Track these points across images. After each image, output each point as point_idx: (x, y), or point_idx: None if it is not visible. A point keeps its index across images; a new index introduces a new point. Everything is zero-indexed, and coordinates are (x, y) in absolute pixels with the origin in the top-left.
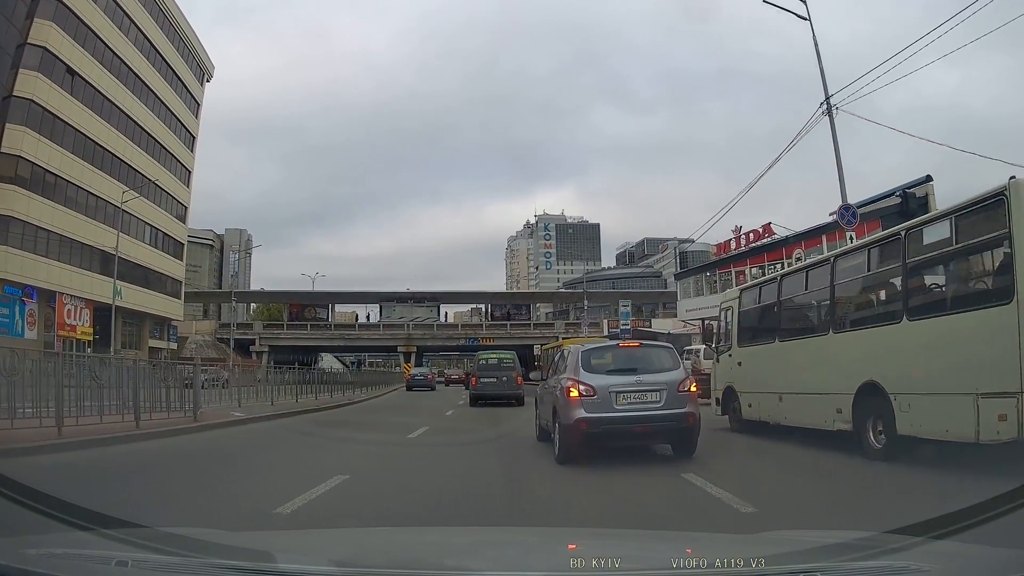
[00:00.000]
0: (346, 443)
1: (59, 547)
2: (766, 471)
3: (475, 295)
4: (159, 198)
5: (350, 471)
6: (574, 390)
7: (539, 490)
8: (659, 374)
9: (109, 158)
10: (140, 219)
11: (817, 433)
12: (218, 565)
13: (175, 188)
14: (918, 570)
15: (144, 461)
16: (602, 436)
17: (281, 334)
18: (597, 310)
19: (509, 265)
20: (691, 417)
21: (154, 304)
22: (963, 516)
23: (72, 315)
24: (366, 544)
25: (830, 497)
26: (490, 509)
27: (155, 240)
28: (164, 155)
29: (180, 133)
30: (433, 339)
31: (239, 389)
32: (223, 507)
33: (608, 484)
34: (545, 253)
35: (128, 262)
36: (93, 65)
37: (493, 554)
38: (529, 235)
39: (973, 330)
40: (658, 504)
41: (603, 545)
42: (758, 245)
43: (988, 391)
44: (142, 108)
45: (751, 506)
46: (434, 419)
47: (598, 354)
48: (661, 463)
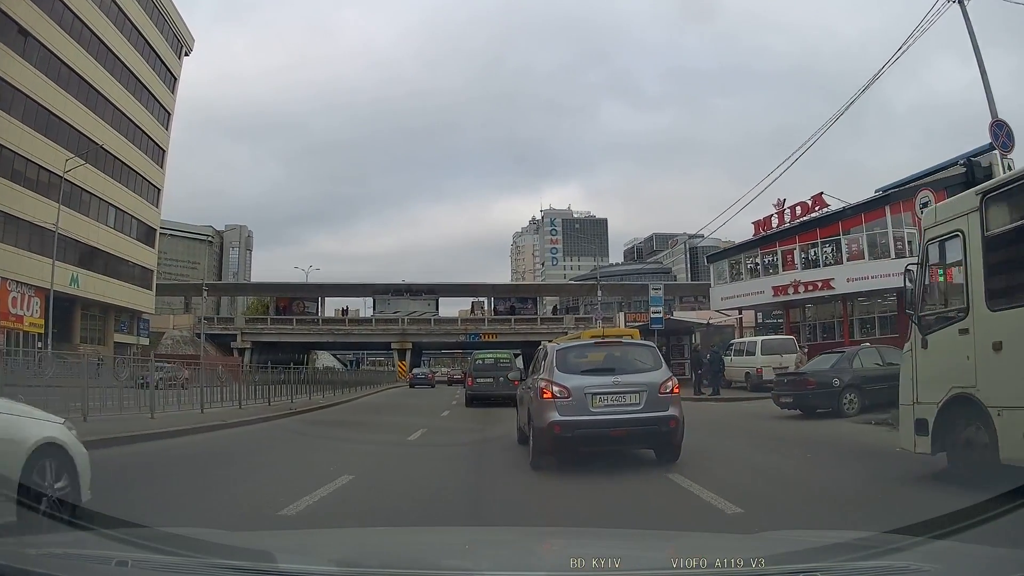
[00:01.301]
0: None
1: (59, 547)
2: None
3: (476, 287)
4: (127, 178)
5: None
6: (547, 391)
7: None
8: (639, 374)
9: (65, 129)
10: (102, 199)
11: None
12: (218, 565)
13: (145, 168)
14: (918, 570)
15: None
16: (576, 440)
17: (265, 329)
18: (609, 305)
19: (514, 262)
20: (673, 421)
21: (120, 295)
22: (963, 516)
23: (19, 304)
24: (366, 544)
25: None
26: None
27: (121, 224)
28: (133, 131)
29: (153, 108)
30: (430, 335)
31: (204, 390)
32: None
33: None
34: (551, 249)
35: (87, 247)
36: (51, 28)
37: (493, 554)
38: (535, 231)
39: None
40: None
41: (603, 545)
42: (808, 220)
43: None
44: (108, 78)
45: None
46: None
47: (575, 353)
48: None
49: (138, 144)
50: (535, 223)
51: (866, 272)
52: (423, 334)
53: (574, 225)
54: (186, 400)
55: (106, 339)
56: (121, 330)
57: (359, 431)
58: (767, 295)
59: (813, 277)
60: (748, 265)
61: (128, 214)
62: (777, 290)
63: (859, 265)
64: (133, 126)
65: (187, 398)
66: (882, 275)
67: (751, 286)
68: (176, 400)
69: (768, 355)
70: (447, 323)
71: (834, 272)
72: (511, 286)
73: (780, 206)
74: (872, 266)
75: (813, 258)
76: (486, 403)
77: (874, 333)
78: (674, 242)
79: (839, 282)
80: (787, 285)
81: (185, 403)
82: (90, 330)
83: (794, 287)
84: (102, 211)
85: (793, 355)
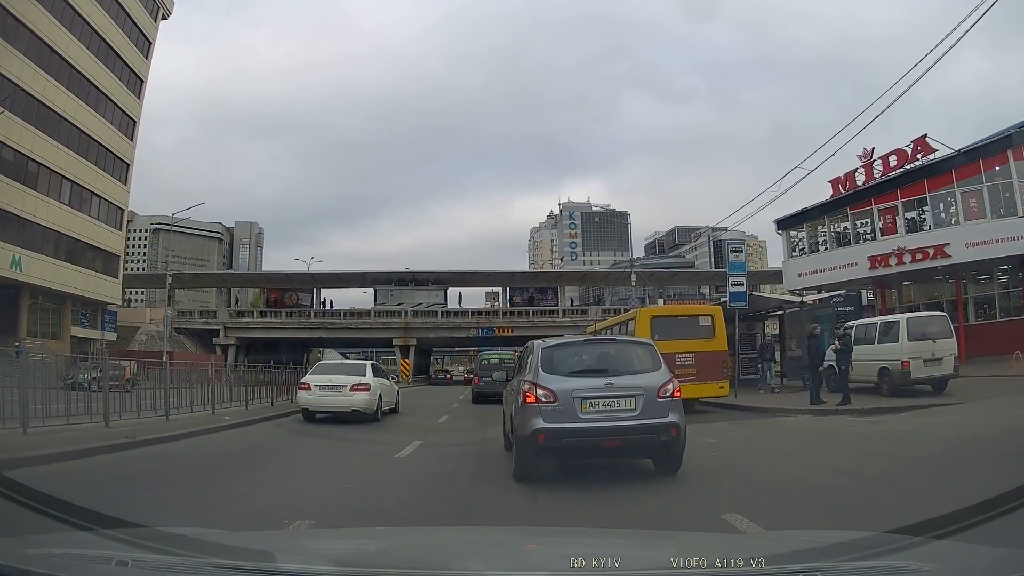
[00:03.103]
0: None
1: (59, 547)
2: None
3: (490, 276)
4: (88, 149)
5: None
6: (531, 395)
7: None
8: (634, 376)
9: (9, 88)
10: (53, 170)
11: None
12: (218, 565)
13: (111, 139)
14: (918, 570)
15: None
16: (563, 451)
17: (250, 323)
18: (630, 298)
19: (532, 257)
20: (673, 428)
21: (77, 282)
22: (963, 516)
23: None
24: (366, 544)
25: None
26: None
27: (79, 201)
28: (96, 96)
29: (122, 73)
30: (438, 329)
31: (171, 394)
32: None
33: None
34: (570, 243)
35: (35, 225)
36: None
37: (493, 554)
38: (553, 226)
39: None
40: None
41: (603, 545)
42: (912, 168)
43: None
44: (64, 34)
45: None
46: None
47: (563, 352)
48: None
49: (102, 112)
50: (553, 218)
51: (988, 235)
52: (429, 328)
53: (593, 219)
54: (150, 406)
55: (62, 333)
56: (81, 323)
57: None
58: (861, 268)
59: (921, 243)
60: (834, 232)
61: (88, 190)
62: (875, 261)
63: (980, 227)
64: (95, 90)
65: (153, 403)
66: (1009, 238)
67: (838, 257)
68: (136, 405)
69: (916, 341)
70: (457, 316)
71: (948, 235)
72: (529, 274)
73: (867, 157)
74: (996, 227)
75: (921, 218)
76: (491, 401)
77: (994, 316)
78: (697, 235)
79: (956, 248)
80: (887, 255)
81: (149, 408)
82: (41, 323)
83: (897, 256)
84: (53, 185)
85: (949, 340)
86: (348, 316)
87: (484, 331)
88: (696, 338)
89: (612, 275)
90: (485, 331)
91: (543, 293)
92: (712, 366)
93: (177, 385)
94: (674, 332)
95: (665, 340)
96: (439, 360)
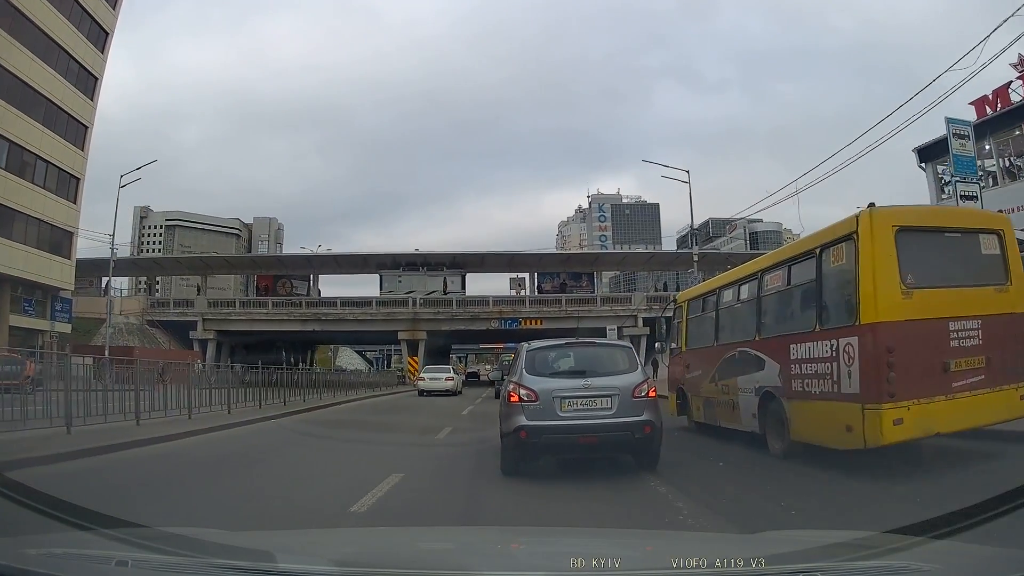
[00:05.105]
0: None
1: (59, 547)
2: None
3: (514, 259)
4: (30, 104)
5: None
6: (514, 395)
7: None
8: (611, 377)
9: None
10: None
11: None
12: (218, 565)
13: (63, 95)
14: (918, 570)
15: None
16: (543, 447)
17: (232, 314)
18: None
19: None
20: (647, 426)
21: (15, 261)
22: (963, 516)
23: None
24: (366, 544)
25: None
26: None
27: (18, 165)
28: (44, 44)
29: (81, 22)
30: (452, 320)
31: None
32: None
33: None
34: (600, 236)
35: None
36: None
37: (493, 554)
38: (581, 220)
39: None
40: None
41: (603, 545)
42: None
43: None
44: None
45: None
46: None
47: (545, 354)
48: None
49: (52, 63)
50: (581, 211)
51: None
52: (442, 319)
53: (624, 211)
54: (99, 411)
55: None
56: (25, 311)
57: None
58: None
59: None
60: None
61: (30, 151)
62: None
63: None
64: (43, 35)
65: (103, 407)
66: None
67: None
68: (93, 410)
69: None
70: (475, 305)
71: None
72: (561, 255)
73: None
74: None
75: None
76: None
77: None
78: (732, 227)
79: None
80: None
81: (105, 412)
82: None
83: None
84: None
85: None
86: (345, 306)
87: (508, 322)
88: (979, 283)
89: (657, 258)
90: (510, 322)
91: (576, 279)
92: (1011, 348)
93: (137, 388)
94: (941, 269)
95: (925, 287)
96: (462, 359)
